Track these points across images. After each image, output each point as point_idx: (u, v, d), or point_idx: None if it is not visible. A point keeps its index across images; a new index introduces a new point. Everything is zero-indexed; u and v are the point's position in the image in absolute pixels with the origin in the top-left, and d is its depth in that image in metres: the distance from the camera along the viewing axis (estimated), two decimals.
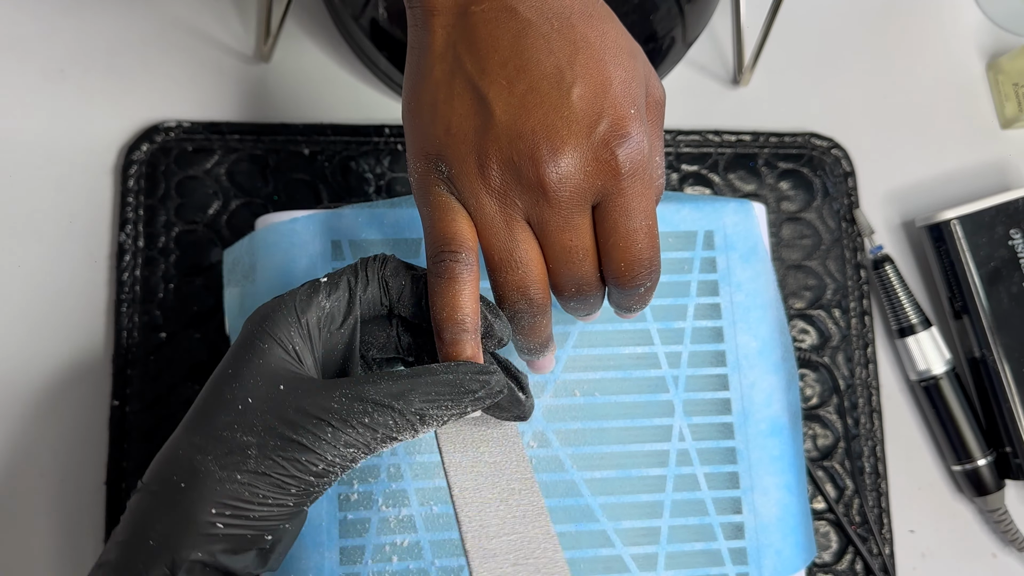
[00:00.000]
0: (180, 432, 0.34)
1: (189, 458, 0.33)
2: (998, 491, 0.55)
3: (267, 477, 0.33)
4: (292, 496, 0.33)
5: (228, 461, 0.33)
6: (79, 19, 0.57)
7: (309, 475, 0.33)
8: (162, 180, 0.55)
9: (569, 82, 0.34)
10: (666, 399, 0.47)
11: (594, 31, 0.35)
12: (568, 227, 0.35)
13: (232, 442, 0.33)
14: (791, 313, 0.57)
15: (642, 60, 0.37)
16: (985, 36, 0.63)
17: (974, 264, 0.55)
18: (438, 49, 0.36)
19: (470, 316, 0.35)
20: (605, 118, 0.34)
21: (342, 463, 0.33)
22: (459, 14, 0.35)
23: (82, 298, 0.53)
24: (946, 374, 0.56)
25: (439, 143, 0.35)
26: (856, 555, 0.55)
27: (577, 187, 0.34)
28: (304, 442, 0.33)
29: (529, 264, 0.36)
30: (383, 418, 0.33)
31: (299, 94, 0.57)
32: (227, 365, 0.35)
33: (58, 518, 0.51)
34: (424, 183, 0.36)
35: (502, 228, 0.35)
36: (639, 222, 0.35)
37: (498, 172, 0.35)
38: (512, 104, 0.34)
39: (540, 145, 0.34)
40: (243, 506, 0.33)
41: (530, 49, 0.35)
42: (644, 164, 0.35)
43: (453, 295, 0.35)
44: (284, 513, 0.34)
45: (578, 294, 0.37)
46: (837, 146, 0.59)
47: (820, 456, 0.56)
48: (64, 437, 0.52)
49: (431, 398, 0.33)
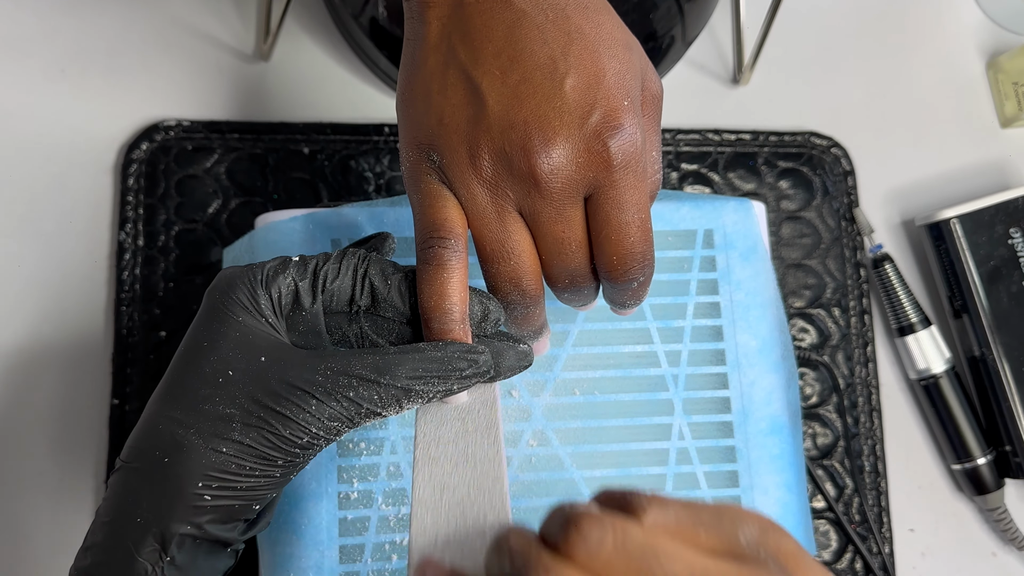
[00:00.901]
0: (156, 406, 0.34)
1: (170, 432, 0.33)
2: (998, 490, 0.55)
3: (252, 449, 0.33)
4: (278, 467, 0.34)
5: (212, 433, 0.33)
6: (79, 19, 0.57)
7: (295, 447, 0.33)
8: (162, 179, 0.55)
9: (562, 72, 0.34)
10: (666, 398, 0.47)
11: (589, 22, 0.35)
12: (560, 219, 0.35)
13: (214, 414, 0.33)
14: (791, 312, 0.57)
15: (638, 53, 0.37)
16: (985, 35, 0.63)
17: (974, 263, 0.55)
18: (433, 40, 0.36)
19: (458, 304, 0.35)
20: (598, 109, 0.34)
21: (326, 435, 0.34)
22: (454, 5, 0.35)
23: (82, 297, 0.53)
24: (946, 373, 0.56)
25: (431, 133, 0.35)
26: (856, 554, 0.55)
27: (569, 178, 0.34)
28: (288, 414, 0.33)
29: (521, 255, 0.36)
30: (368, 392, 0.33)
31: (299, 93, 0.57)
32: (200, 336, 0.35)
33: (58, 517, 0.51)
34: (415, 172, 0.36)
35: (494, 219, 0.35)
36: (631, 215, 0.35)
37: (490, 162, 0.34)
38: (505, 94, 0.34)
39: (532, 135, 0.34)
40: (230, 478, 0.33)
41: (524, 39, 0.34)
42: (637, 156, 0.35)
43: (441, 282, 0.35)
44: (271, 483, 0.34)
45: (572, 285, 0.37)
46: (837, 145, 0.59)
47: (820, 455, 0.56)
48: (64, 436, 0.52)
49: (418, 375, 0.33)
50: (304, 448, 0.34)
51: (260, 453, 0.33)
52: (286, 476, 0.34)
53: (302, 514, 0.44)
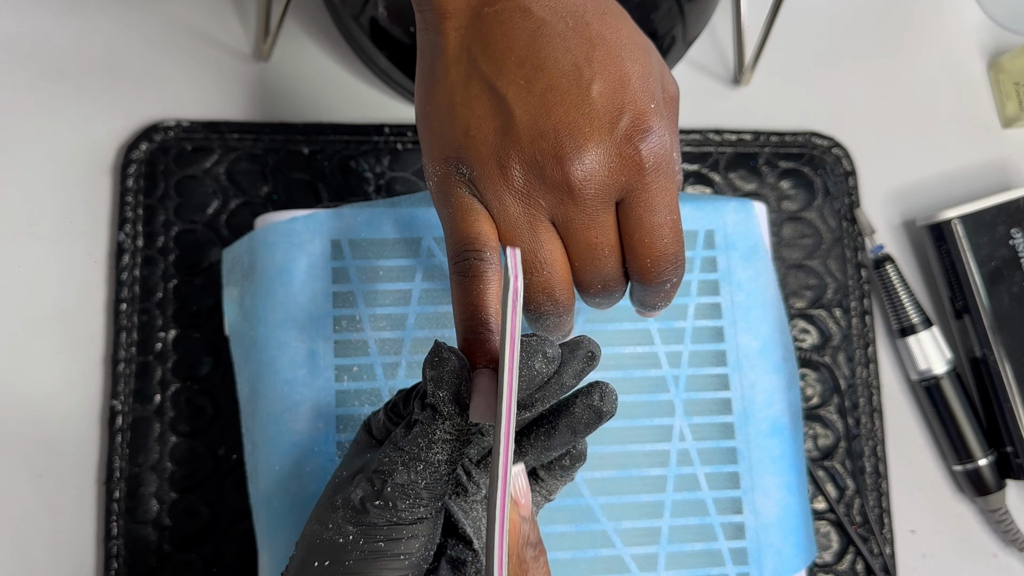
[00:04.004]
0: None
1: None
2: (999, 491, 0.55)
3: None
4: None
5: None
6: (79, 19, 0.57)
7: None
8: (161, 179, 0.54)
9: (588, 79, 0.34)
10: (666, 399, 0.47)
11: (609, 28, 0.35)
12: (593, 225, 0.35)
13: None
14: (792, 313, 0.57)
15: (656, 56, 0.37)
16: (986, 35, 0.63)
17: (975, 263, 0.55)
18: (452, 52, 0.36)
19: (493, 316, 0.34)
20: (626, 113, 0.34)
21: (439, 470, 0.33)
22: (472, 16, 0.35)
23: (81, 297, 0.53)
24: (947, 374, 0.56)
25: (459, 145, 0.35)
26: (857, 555, 0.55)
27: (602, 184, 0.34)
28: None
29: (554, 264, 0.36)
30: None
31: (298, 93, 0.57)
32: None
33: (55, 517, 0.51)
34: (444, 186, 0.36)
35: (526, 229, 0.35)
36: (664, 217, 0.35)
37: (521, 173, 0.34)
38: (532, 103, 0.34)
39: (564, 143, 0.34)
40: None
41: (547, 48, 0.34)
42: (667, 158, 0.35)
43: (478, 293, 0.34)
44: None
45: (604, 291, 0.37)
46: (838, 145, 0.59)
47: (821, 456, 0.56)
48: (62, 436, 0.52)
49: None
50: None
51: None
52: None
53: (303, 486, 0.44)
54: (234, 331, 0.48)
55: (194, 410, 0.52)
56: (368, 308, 0.47)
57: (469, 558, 0.35)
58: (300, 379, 0.45)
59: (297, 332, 0.46)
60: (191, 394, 0.52)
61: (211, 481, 0.52)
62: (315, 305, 0.46)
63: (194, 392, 0.52)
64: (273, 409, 0.45)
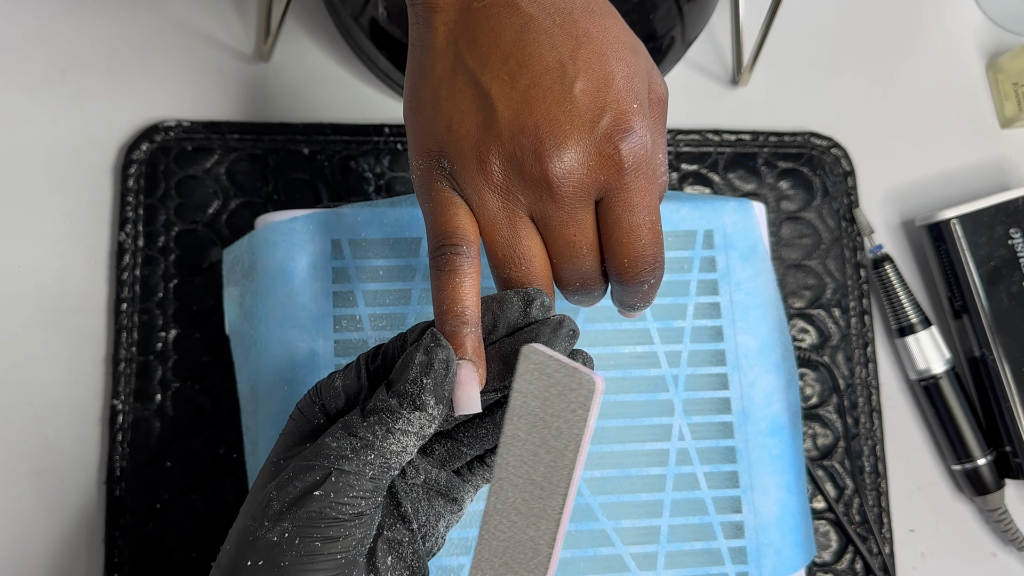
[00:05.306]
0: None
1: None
2: (998, 490, 0.55)
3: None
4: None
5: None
6: (79, 19, 0.57)
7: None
8: (162, 179, 0.55)
9: (572, 76, 0.34)
10: (666, 398, 0.47)
11: (596, 26, 0.35)
12: (572, 222, 0.35)
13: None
14: (791, 312, 0.57)
15: (644, 56, 0.37)
16: (985, 35, 0.63)
17: (974, 263, 0.55)
18: (440, 45, 0.36)
19: (471, 308, 0.35)
20: (608, 112, 0.34)
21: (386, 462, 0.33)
22: (461, 10, 0.35)
23: (82, 297, 0.53)
24: (946, 373, 0.56)
25: (441, 139, 0.35)
26: (856, 554, 0.55)
27: (580, 182, 0.34)
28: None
29: (532, 260, 0.36)
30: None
31: (299, 93, 0.57)
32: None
33: (56, 517, 0.51)
34: (426, 179, 0.36)
35: (505, 224, 0.35)
36: (642, 217, 0.35)
37: (500, 168, 0.34)
38: (514, 99, 0.34)
39: (544, 140, 0.34)
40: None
41: (532, 44, 0.34)
42: (647, 159, 0.35)
43: (454, 287, 0.35)
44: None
45: (582, 288, 0.37)
46: (837, 145, 0.59)
47: (820, 455, 0.56)
48: (63, 436, 0.52)
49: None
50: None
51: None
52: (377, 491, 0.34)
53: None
54: (234, 331, 0.49)
55: (194, 410, 0.52)
56: (368, 308, 0.47)
57: (406, 539, 0.35)
58: (300, 379, 0.45)
59: (297, 331, 0.46)
60: (191, 394, 0.52)
61: (211, 480, 0.52)
62: (315, 304, 0.46)
63: (194, 392, 0.52)
64: (273, 409, 0.46)
